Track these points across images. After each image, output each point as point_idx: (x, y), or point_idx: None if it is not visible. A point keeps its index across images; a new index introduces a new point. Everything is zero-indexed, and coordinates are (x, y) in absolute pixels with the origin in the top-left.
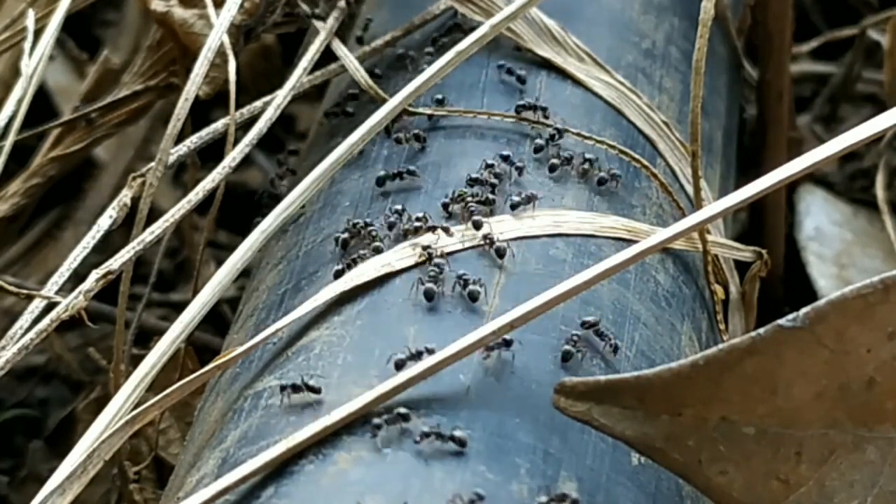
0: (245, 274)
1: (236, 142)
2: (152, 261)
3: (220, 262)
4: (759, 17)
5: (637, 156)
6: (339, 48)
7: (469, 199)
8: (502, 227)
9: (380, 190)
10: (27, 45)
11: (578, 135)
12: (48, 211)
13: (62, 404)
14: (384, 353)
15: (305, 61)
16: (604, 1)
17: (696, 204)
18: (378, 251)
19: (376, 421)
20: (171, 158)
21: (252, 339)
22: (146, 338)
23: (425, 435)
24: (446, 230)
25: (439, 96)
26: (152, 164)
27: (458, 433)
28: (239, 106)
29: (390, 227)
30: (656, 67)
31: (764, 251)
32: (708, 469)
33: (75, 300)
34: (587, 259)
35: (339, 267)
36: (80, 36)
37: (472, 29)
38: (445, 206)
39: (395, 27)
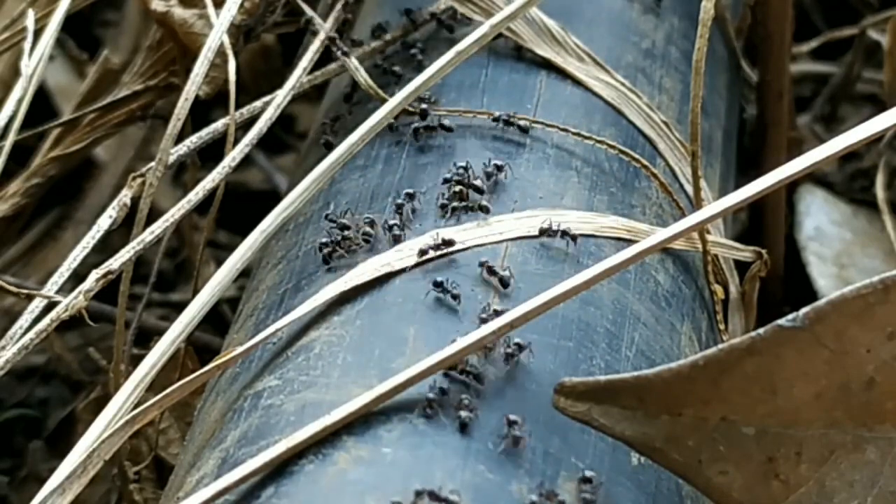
0: (245, 274)
1: (236, 142)
2: (152, 261)
3: (220, 262)
4: (759, 17)
5: (637, 156)
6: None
7: (466, 199)
8: (502, 227)
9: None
10: (27, 45)
11: (578, 135)
12: (48, 211)
13: (62, 404)
14: (384, 353)
15: (305, 61)
16: (604, 1)
17: (696, 204)
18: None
19: (378, 420)
20: (171, 158)
21: (252, 339)
22: (146, 338)
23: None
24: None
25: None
26: (152, 164)
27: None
28: (239, 106)
29: (389, 227)
30: (656, 67)
31: (764, 251)
32: (708, 469)
33: (75, 300)
34: (587, 259)
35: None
36: (80, 36)
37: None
38: (443, 206)
39: (395, 27)
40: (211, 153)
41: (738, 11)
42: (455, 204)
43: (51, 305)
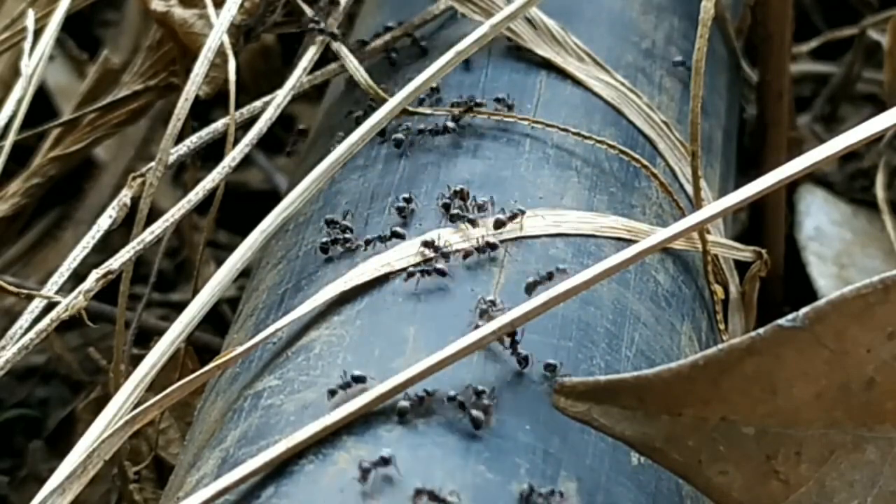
0: (245, 274)
1: (236, 142)
2: (152, 261)
3: (220, 262)
4: (759, 17)
5: (637, 156)
6: (339, 48)
7: (468, 199)
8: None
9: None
10: (27, 45)
11: (578, 135)
12: (48, 211)
13: (62, 404)
14: (384, 353)
15: (305, 61)
16: (604, 1)
17: (696, 204)
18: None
19: (378, 420)
20: (171, 158)
21: (252, 339)
22: (146, 338)
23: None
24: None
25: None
26: (152, 164)
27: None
28: (239, 106)
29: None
30: (656, 67)
31: (764, 251)
32: (708, 469)
33: (75, 300)
34: (587, 259)
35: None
36: (80, 36)
37: None
38: (446, 206)
39: (395, 27)
40: (211, 153)
41: (738, 11)
42: (456, 204)
43: (51, 305)
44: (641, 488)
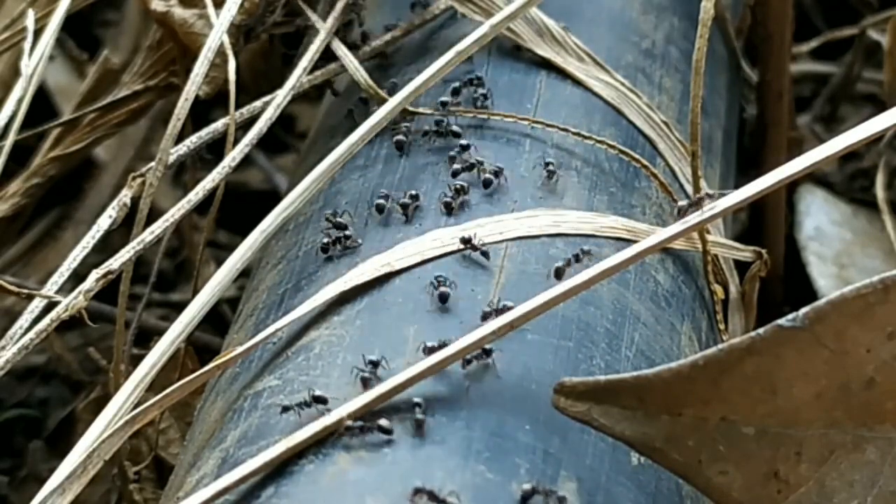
0: (245, 274)
1: (236, 142)
2: (152, 261)
3: (220, 262)
4: (759, 17)
5: (637, 156)
6: (339, 48)
7: (469, 197)
8: (502, 226)
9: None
10: (27, 45)
11: (578, 135)
12: (48, 211)
13: (62, 404)
14: (384, 353)
15: (305, 61)
16: (604, 1)
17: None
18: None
19: (378, 420)
20: (171, 158)
21: (252, 339)
22: (146, 338)
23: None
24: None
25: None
26: (152, 164)
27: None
28: (239, 106)
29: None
30: (656, 67)
31: (764, 251)
32: (708, 469)
33: (75, 300)
34: (587, 259)
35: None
36: (80, 36)
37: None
38: (448, 205)
39: (395, 27)
40: (211, 153)
41: (738, 11)
42: (462, 198)
43: (51, 305)
44: (641, 488)
